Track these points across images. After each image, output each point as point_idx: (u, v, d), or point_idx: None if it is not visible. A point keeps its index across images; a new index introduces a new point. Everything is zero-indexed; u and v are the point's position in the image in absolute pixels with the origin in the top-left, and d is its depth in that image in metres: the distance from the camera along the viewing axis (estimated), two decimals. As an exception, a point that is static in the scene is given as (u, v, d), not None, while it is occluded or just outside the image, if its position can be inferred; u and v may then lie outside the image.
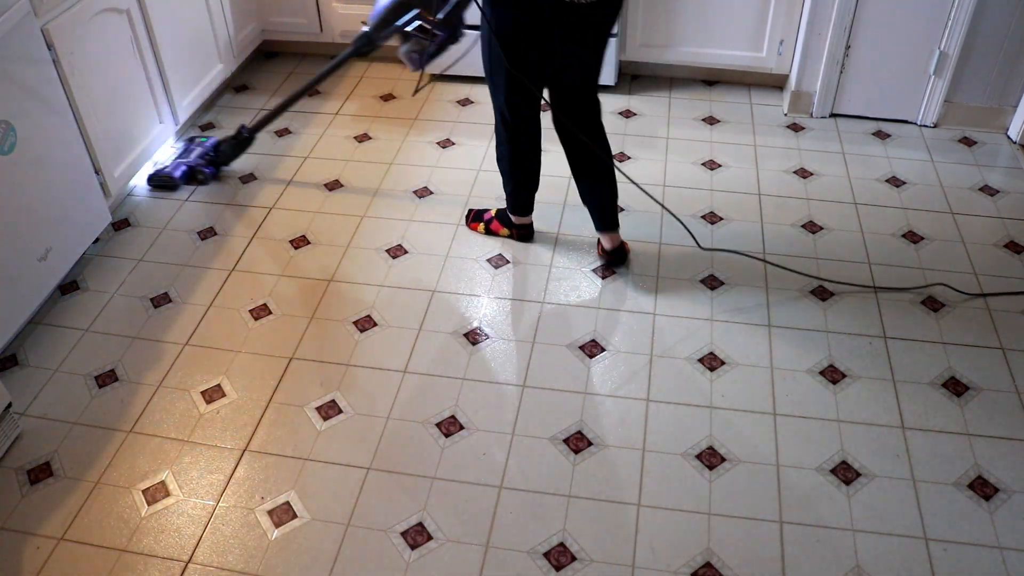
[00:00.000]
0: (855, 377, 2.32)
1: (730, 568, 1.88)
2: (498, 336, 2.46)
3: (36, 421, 2.23)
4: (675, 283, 2.63)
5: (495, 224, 2.80)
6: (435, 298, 2.59)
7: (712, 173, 3.13)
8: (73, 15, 2.52)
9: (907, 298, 2.56)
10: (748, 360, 2.37)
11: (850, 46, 3.24)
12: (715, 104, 3.53)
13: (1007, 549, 1.91)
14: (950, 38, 3.14)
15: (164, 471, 2.10)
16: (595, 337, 2.45)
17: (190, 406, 2.27)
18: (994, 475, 2.07)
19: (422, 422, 2.21)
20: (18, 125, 2.29)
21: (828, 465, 2.10)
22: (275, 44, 3.93)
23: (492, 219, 2.81)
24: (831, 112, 3.44)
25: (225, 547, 1.94)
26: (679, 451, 2.13)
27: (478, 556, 1.91)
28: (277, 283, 2.66)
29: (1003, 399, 2.26)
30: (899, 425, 2.19)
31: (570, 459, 2.12)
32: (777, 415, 2.22)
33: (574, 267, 2.70)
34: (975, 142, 3.28)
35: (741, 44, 3.45)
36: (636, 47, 3.54)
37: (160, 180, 3.06)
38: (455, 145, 3.30)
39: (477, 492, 2.04)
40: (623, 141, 3.31)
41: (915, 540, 1.93)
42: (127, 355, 2.42)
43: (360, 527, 1.97)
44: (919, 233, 2.83)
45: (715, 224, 2.87)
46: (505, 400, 2.26)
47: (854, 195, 3.01)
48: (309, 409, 2.26)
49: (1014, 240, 2.79)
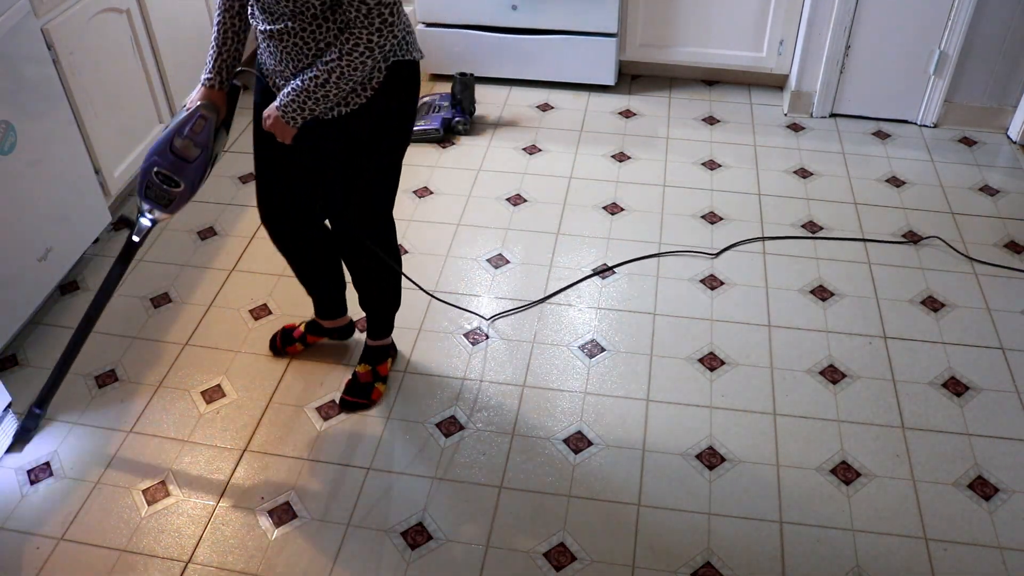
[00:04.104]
0: (855, 377, 2.32)
1: (730, 568, 1.88)
2: (498, 336, 2.46)
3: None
4: (675, 283, 2.63)
5: (310, 337, 2.41)
6: (435, 298, 2.59)
7: (712, 173, 3.13)
8: (73, 15, 2.52)
9: (907, 298, 2.56)
10: (748, 360, 2.37)
11: (850, 46, 3.24)
12: (715, 104, 3.53)
13: (1007, 549, 1.91)
14: (950, 38, 3.14)
15: (164, 471, 2.10)
16: (595, 337, 2.45)
17: (190, 406, 2.27)
18: (994, 475, 2.07)
19: (422, 422, 2.21)
20: (18, 125, 2.29)
21: (828, 465, 2.10)
22: (275, 44, 3.93)
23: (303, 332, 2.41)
24: (831, 112, 3.44)
25: (225, 547, 1.93)
26: (679, 451, 2.13)
27: (478, 556, 1.91)
28: (277, 283, 2.66)
29: (1003, 399, 2.26)
30: (899, 425, 2.19)
31: (571, 459, 2.12)
32: (777, 415, 2.22)
33: (574, 267, 2.70)
34: (975, 142, 3.28)
35: (741, 44, 3.45)
36: (636, 47, 3.54)
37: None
38: (455, 145, 3.30)
39: (477, 492, 2.04)
40: (623, 141, 3.31)
41: (915, 540, 1.93)
42: (127, 355, 2.42)
43: (360, 527, 1.97)
44: (919, 233, 2.83)
45: (715, 224, 2.87)
46: (506, 399, 2.26)
47: (854, 195, 3.01)
48: (309, 409, 2.26)
49: (1014, 240, 2.79)
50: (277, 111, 1.78)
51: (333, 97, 1.73)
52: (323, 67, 1.69)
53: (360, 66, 1.68)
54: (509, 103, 3.55)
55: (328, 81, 1.70)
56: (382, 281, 2.20)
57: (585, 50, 3.48)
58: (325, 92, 1.71)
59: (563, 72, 3.58)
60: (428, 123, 3.30)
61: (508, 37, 3.51)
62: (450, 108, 3.36)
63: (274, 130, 1.82)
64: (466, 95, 3.34)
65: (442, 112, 3.34)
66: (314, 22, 1.68)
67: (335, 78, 1.69)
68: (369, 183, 1.97)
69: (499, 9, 3.44)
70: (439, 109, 3.36)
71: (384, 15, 1.64)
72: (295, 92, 1.73)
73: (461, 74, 3.31)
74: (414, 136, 3.29)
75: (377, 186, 1.99)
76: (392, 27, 1.65)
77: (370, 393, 2.26)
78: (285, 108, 1.76)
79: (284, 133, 1.81)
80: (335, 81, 1.70)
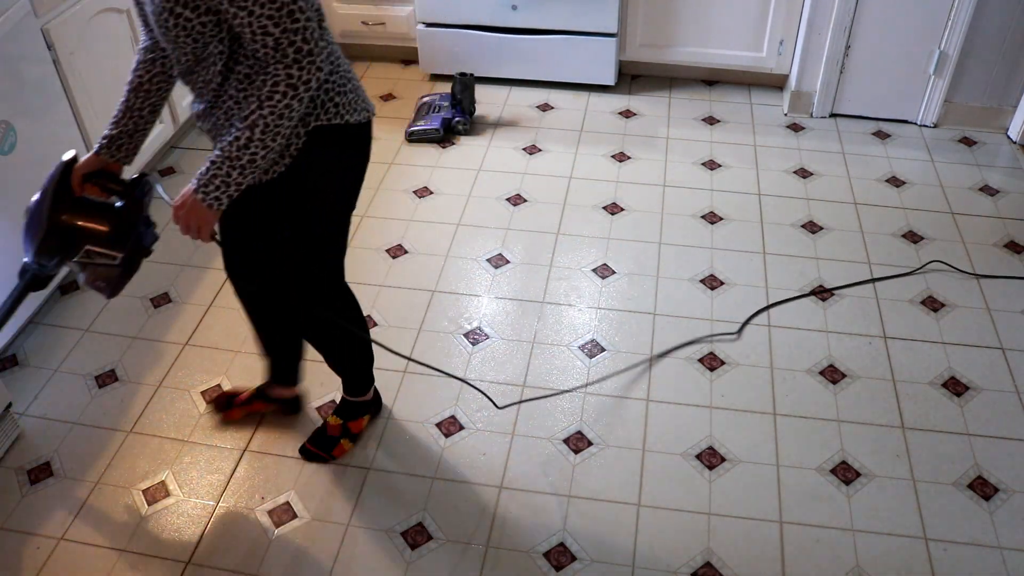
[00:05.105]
0: (855, 377, 2.32)
1: (730, 568, 1.88)
2: (498, 336, 2.46)
3: (36, 421, 2.22)
4: (675, 283, 2.63)
5: (258, 404, 2.20)
6: (435, 298, 2.59)
7: (712, 173, 3.13)
8: (73, 15, 2.52)
9: (907, 298, 2.56)
10: (748, 360, 2.37)
11: (850, 46, 3.24)
12: (715, 104, 3.53)
13: (1007, 549, 1.91)
14: (950, 38, 3.14)
15: (164, 471, 2.10)
16: (595, 337, 2.45)
17: (190, 406, 2.27)
18: (994, 475, 2.07)
19: (422, 422, 2.21)
20: (18, 125, 2.29)
21: (828, 465, 2.10)
22: (275, 44, 3.93)
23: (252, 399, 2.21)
24: (831, 112, 3.44)
25: (225, 547, 1.93)
26: (679, 451, 2.13)
27: (478, 556, 1.90)
28: (277, 283, 2.66)
29: (1003, 399, 2.26)
30: (899, 425, 2.19)
31: (571, 459, 2.12)
32: (777, 415, 2.22)
33: (574, 267, 2.70)
34: (975, 142, 3.28)
35: (741, 44, 3.45)
36: (636, 47, 3.54)
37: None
38: (454, 145, 3.30)
39: (477, 492, 2.04)
40: (623, 141, 3.31)
41: (915, 540, 1.93)
42: (127, 355, 2.42)
43: (360, 527, 1.97)
44: (919, 233, 2.83)
45: (715, 224, 2.87)
46: (505, 400, 2.26)
47: (854, 195, 3.01)
48: (309, 409, 2.25)
49: (1014, 240, 2.79)
50: (194, 194, 1.47)
51: (262, 161, 1.44)
52: (242, 125, 1.41)
53: (286, 111, 1.41)
54: (509, 103, 3.55)
55: (252, 140, 1.41)
56: (342, 349, 2.00)
57: (585, 50, 3.48)
58: (252, 155, 1.43)
59: (563, 72, 3.58)
60: (428, 123, 3.30)
61: (508, 37, 3.51)
62: (450, 108, 3.36)
63: (188, 223, 1.51)
64: (466, 95, 3.34)
65: (442, 112, 3.34)
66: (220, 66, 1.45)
67: (259, 134, 1.41)
68: (302, 256, 1.73)
69: (499, 9, 3.44)
70: (439, 109, 3.36)
71: (296, 43, 1.37)
72: (214, 165, 1.45)
73: (461, 74, 3.32)
74: (415, 136, 3.29)
75: (312, 260, 1.76)
76: (313, 57, 1.39)
77: (332, 448, 2.09)
78: (206, 187, 1.46)
79: (203, 221, 1.51)
80: (259, 138, 1.41)
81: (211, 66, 1.47)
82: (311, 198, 1.64)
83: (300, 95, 1.41)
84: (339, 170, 1.65)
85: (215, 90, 1.50)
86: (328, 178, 1.64)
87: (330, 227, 1.74)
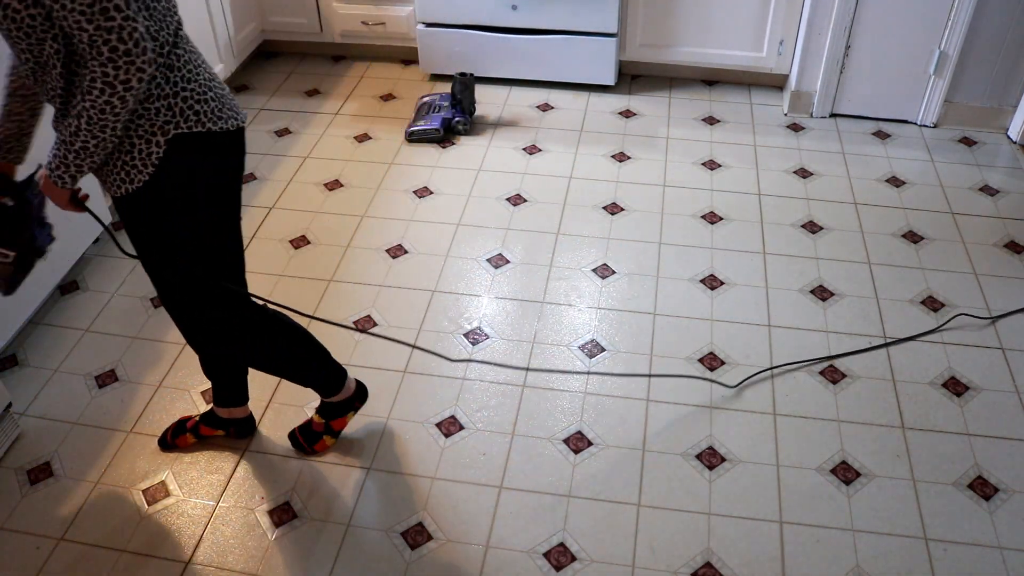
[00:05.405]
0: (855, 377, 2.32)
1: (730, 568, 1.88)
2: (498, 336, 2.46)
3: (36, 421, 2.22)
4: (675, 283, 2.63)
5: (203, 429, 2.17)
6: (435, 298, 2.59)
7: (712, 173, 3.13)
8: (73, 15, 2.51)
9: (907, 298, 2.56)
10: (748, 360, 2.37)
11: (850, 46, 3.24)
12: (715, 104, 3.53)
13: (1007, 549, 1.91)
14: (950, 38, 3.14)
15: (164, 471, 2.10)
16: (595, 337, 2.45)
17: (190, 406, 2.27)
18: (994, 475, 2.07)
19: (422, 422, 2.21)
20: (18, 125, 2.29)
21: (828, 465, 2.10)
22: (275, 44, 3.93)
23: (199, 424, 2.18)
24: (831, 112, 3.44)
25: (225, 547, 1.93)
26: (679, 451, 2.13)
27: (478, 556, 1.91)
28: (277, 283, 2.66)
29: (1003, 399, 2.26)
30: (899, 425, 2.19)
31: (570, 459, 2.12)
32: (777, 415, 2.22)
33: (574, 267, 2.70)
34: (975, 142, 3.28)
35: (741, 44, 3.45)
36: (636, 47, 3.55)
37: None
38: (455, 145, 3.30)
39: (477, 492, 2.04)
40: (623, 141, 3.31)
41: (915, 540, 1.93)
42: (127, 355, 2.42)
43: (360, 527, 1.97)
44: (919, 233, 2.83)
45: (715, 224, 2.87)
46: (505, 400, 2.26)
47: (854, 195, 3.01)
48: (309, 409, 2.26)
49: (1014, 240, 2.79)
50: (45, 171, 1.57)
51: (95, 149, 1.49)
52: (73, 114, 1.47)
53: (107, 107, 1.43)
54: (509, 103, 3.55)
55: (80, 128, 1.46)
56: (280, 360, 1.95)
57: (585, 50, 3.48)
58: (84, 143, 1.48)
59: (563, 72, 3.58)
60: (428, 123, 3.30)
61: (508, 37, 3.51)
62: (450, 108, 3.36)
63: (49, 196, 1.62)
64: (466, 95, 3.34)
65: (442, 112, 3.34)
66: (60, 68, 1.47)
67: (85, 124, 1.45)
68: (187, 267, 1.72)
69: (499, 9, 3.44)
70: (439, 109, 3.36)
71: (112, 42, 1.36)
72: (56, 148, 1.53)
73: (461, 74, 3.32)
74: (415, 136, 3.29)
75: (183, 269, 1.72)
76: (132, 57, 1.38)
77: (314, 443, 2.12)
78: (53, 168, 1.54)
79: (57, 197, 1.61)
80: (87, 128, 1.46)
81: (51, 69, 1.48)
82: (177, 206, 1.64)
83: (119, 93, 1.42)
84: (202, 177, 1.65)
85: (61, 95, 1.51)
86: (192, 186, 1.63)
87: (206, 236, 1.72)
